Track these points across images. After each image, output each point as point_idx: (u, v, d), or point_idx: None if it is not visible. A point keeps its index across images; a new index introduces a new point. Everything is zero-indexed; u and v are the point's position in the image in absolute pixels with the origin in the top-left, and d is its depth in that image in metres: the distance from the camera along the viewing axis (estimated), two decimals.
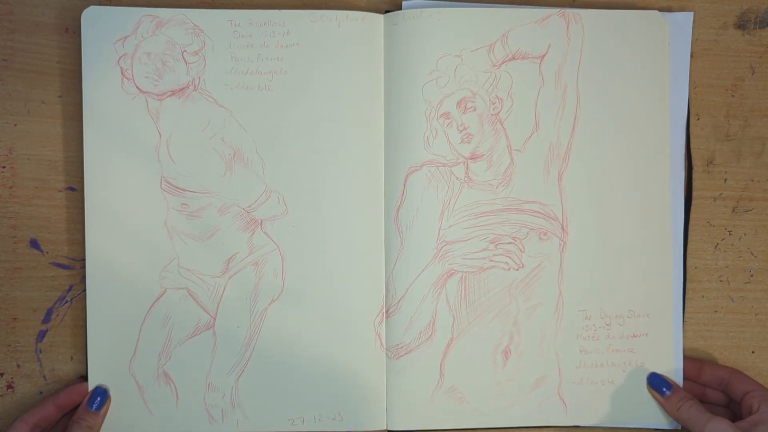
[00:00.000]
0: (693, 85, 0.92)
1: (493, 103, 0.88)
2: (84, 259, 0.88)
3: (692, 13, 0.91)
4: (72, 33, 0.89)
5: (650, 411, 0.89)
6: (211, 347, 0.88)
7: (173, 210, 0.88)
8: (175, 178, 0.88)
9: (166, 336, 0.88)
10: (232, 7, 0.89)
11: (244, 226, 0.88)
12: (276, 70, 0.88)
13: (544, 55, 0.88)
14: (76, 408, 0.86)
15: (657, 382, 0.88)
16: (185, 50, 0.88)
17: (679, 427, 0.88)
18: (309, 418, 0.88)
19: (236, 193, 0.88)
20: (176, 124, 0.88)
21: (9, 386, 0.88)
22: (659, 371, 0.89)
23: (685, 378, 0.89)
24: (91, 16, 0.87)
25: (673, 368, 0.89)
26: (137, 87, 0.87)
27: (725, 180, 0.92)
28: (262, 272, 0.88)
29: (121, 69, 0.87)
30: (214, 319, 0.89)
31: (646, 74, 0.89)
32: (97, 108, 0.87)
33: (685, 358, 0.90)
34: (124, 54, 0.87)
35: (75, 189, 0.88)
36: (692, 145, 0.92)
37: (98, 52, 0.87)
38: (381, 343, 0.88)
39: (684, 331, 0.91)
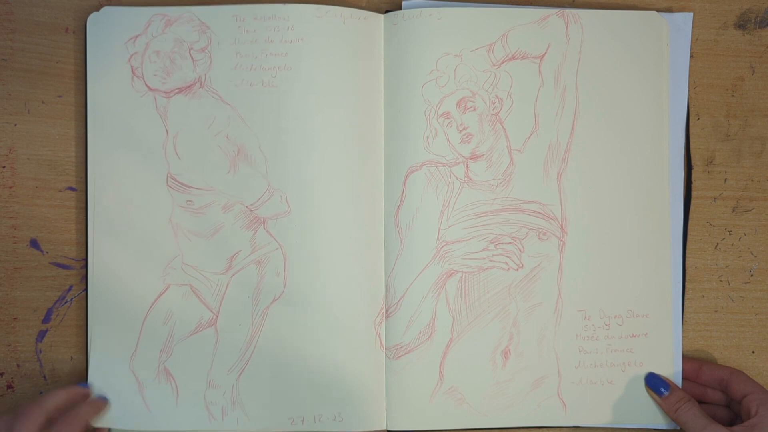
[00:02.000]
0: (693, 85, 0.92)
1: (493, 103, 0.88)
2: (84, 259, 0.88)
3: (692, 14, 0.91)
4: (72, 33, 0.89)
5: (649, 411, 0.89)
6: (212, 345, 0.88)
7: (178, 207, 0.88)
8: (181, 174, 0.88)
9: (168, 332, 0.88)
10: (238, 2, 0.89)
11: (247, 224, 0.88)
12: (280, 66, 0.88)
13: (543, 56, 0.88)
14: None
15: (655, 383, 0.88)
16: (192, 47, 0.88)
17: (678, 428, 0.88)
18: (309, 417, 0.88)
19: (240, 190, 0.88)
20: (183, 121, 0.88)
21: (9, 386, 0.88)
22: (658, 371, 0.89)
23: (684, 378, 0.89)
24: (101, 16, 0.88)
25: (672, 368, 0.89)
26: (146, 85, 0.88)
27: (725, 180, 0.92)
28: (264, 271, 0.88)
29: (132, 68, 0.88)
30: (216, 317, 0.89)
31: (646, 75, 0.89)
32: (104, 106, 0.88)
33: (685, 357, 0.90)
34: (134, 53, 0.88)
35: (75, 189, 0.89)
36: (692, 145, 0.92)
37: (109, 51, 0.88)
38: (381, 343, 0.88)
39: (684, 331, 0.91)
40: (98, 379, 0.87)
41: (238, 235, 0.88)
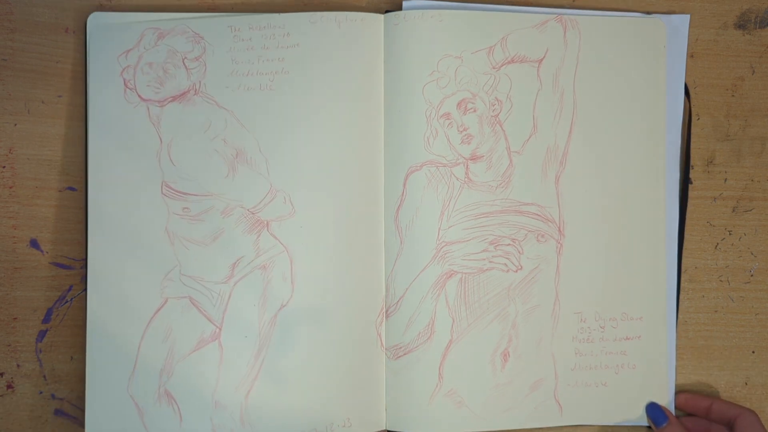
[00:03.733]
0: (693, 85, 0.92)
1: (493, 105, 0.88)
2: (84, 259, 0.88)
3: (689, 16, 0.91)
4: (72, 33, 0.89)
5: (641, 411, 0.89)
6: (216, 361, 0.86)
7: (174, 215, 0.86)
8: (176, 182, 0.87)
9: (168, 351, 0.85)
10: (231, 10, 0.89)
11: (250, 227, 0.87)
12: (277, 71, 0.87)
13: (542, 60, 0.88)
14: None
15: (654, 413, 0.88)
16: (186, 57, 0.87)
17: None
18: (321, 428, 0.86)
19: (240, 193, 0.87)
20: (177, 129, 0.87)
21: (9, 386, 0.88)
22: (650, 374, 0.89)
23: (693, 414, 0.90)
24: (96, 32, 0.87)
25: (665, 371, 0.89)
26: (139, 96, 0.87)
27: (725, 180, 0.92)
28: (270, 276, 0.86)
29: (124, 80, 0.87)
30: (220, 330, 0.86)
31: (643, 78, 0.89)
32: (101, 118, 0.87)
33: (697, 394, 0.90)
34: (127, 66, 0.87)
35: (75, 189, 0.89)
36: (692, 145, 0.92)
37: (102, 66, 0.87)
38: (381, 343, 0.88)
39: (684, 331, 0.91)
40: (96, 408, 0.85)
41: (239, 239, 0.86)
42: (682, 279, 0.91)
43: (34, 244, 0.88)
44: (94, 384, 0.85)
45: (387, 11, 0.89)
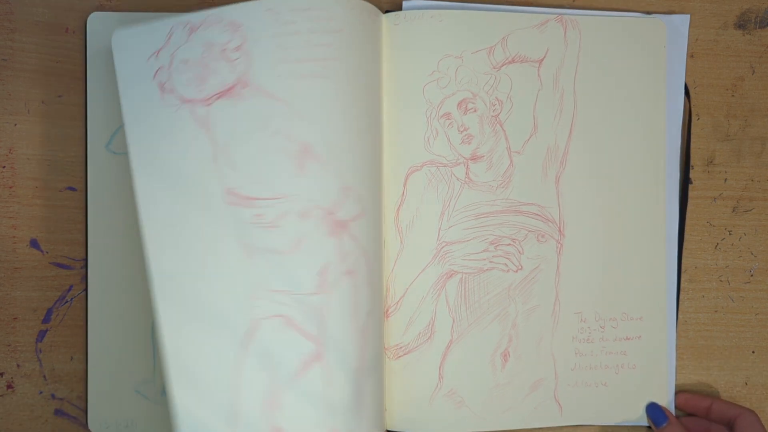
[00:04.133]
0: (693, 85, 0.92)
1: (493, 105, 0.88)
2: (84, 259, 0.88)
3: (689, 16, 0.91)
4: (72, 33, 0.89)
5: (641, 411, 0.89)
6: (324, 383, 0.78)
7: (247, 224, 0.78)
8: (242, 187, 0.78)
9: (269, 380, 0.77)
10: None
11: (331, 229, 0.78)
12: (328, 57, 0.79)
13: (542, 60, 0.88)
14: None
15: (654, 414, 0.88)
16: (226, 48, 0.79)
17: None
18: None
19: (314, 192, 0.78)
20: (231, 128, 0.78)
21: (9, 386, 0.88)
22: (650, 374, 0.89)
23: (693, 415, 0.90)
24: (121, 39, 0.80)
25: (665, 371, 0.89)
26: (180, 97, 0.79)
27: (725, 180, 0.92)
28: (357, 282, 0.79)
29: (159, 83, 0.79)
30: (322, 347, 0.78)
31: (643, 78, 0.89)
32: (138, 128, 0.79)
33: (697, 394, 0.90)
34: (159, 67, 0.79)
35: (75, 189, 0.88)
36: (692, 145, 0.92)
37: (133, 73, 0.80)
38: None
39: (684, 331, 0.91)
40: None
41: (323, 244, 0.78)
42: (682, 279, 0.91)
43: (34, 244, 0.88)
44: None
45: (387, 11, 0.89)
